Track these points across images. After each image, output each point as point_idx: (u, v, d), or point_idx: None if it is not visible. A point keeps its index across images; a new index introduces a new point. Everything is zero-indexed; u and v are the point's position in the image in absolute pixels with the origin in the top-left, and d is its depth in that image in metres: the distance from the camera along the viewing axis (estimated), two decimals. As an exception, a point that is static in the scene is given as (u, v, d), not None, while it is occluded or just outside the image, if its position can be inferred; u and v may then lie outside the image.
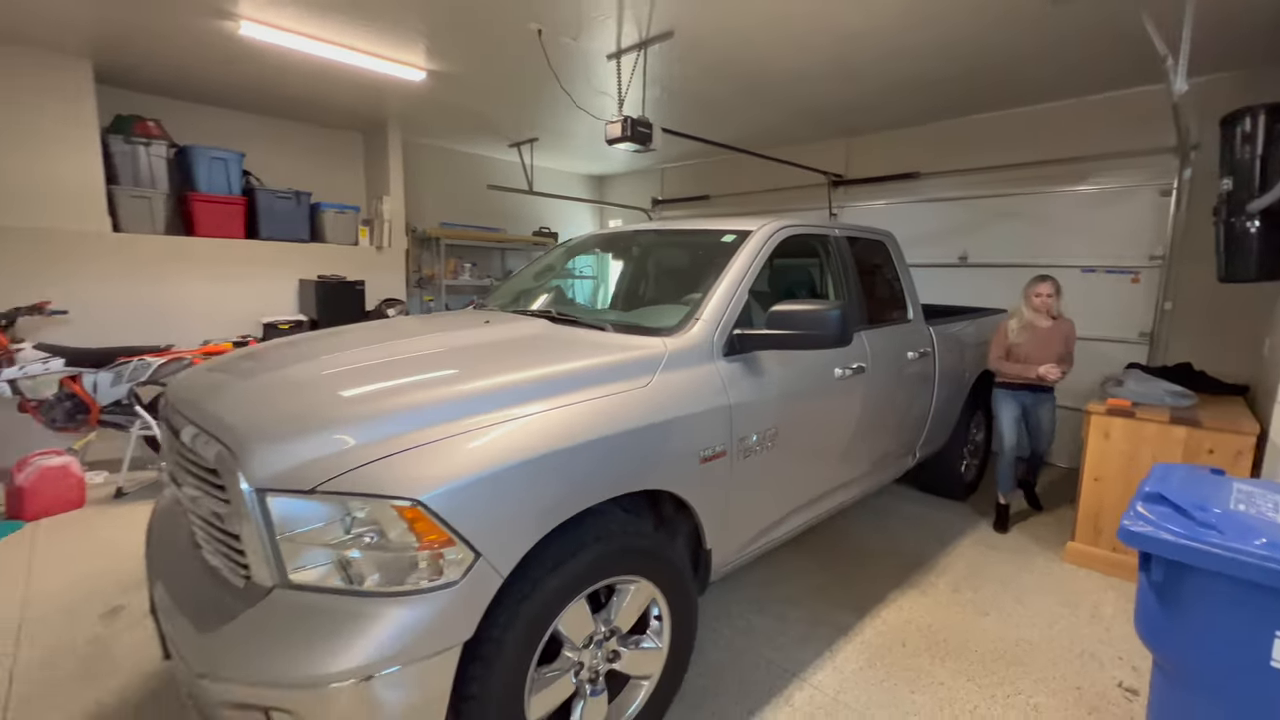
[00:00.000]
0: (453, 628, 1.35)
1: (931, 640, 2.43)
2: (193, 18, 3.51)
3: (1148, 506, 1.33)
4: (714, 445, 1.90)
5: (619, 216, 8.46)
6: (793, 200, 6.36)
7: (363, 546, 1.31)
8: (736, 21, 3.36)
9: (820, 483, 2.53)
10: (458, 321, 2.30)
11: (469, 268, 7.00)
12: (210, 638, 1.31)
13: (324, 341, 2.08)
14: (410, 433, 1.39)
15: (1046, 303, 3.27)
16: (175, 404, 1.71)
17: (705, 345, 1.99)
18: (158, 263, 4.72)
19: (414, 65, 4.19)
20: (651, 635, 1.84)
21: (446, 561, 1.33)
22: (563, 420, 1.55)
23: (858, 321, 2.70)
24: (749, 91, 4.56)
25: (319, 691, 1.24)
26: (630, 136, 3.69)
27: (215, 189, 4.98)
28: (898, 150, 5.61)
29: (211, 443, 1.42)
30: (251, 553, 1.34)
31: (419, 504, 1.28)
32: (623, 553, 1.67)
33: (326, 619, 1.29)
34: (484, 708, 1.42)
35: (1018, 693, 2.13)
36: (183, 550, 1.68)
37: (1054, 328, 3.31)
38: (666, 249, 3.04)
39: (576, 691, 1.68)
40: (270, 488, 1.31)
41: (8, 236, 4.09)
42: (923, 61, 3.87)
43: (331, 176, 6.09)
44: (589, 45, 3.74)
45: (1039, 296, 3.28)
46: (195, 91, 4.93)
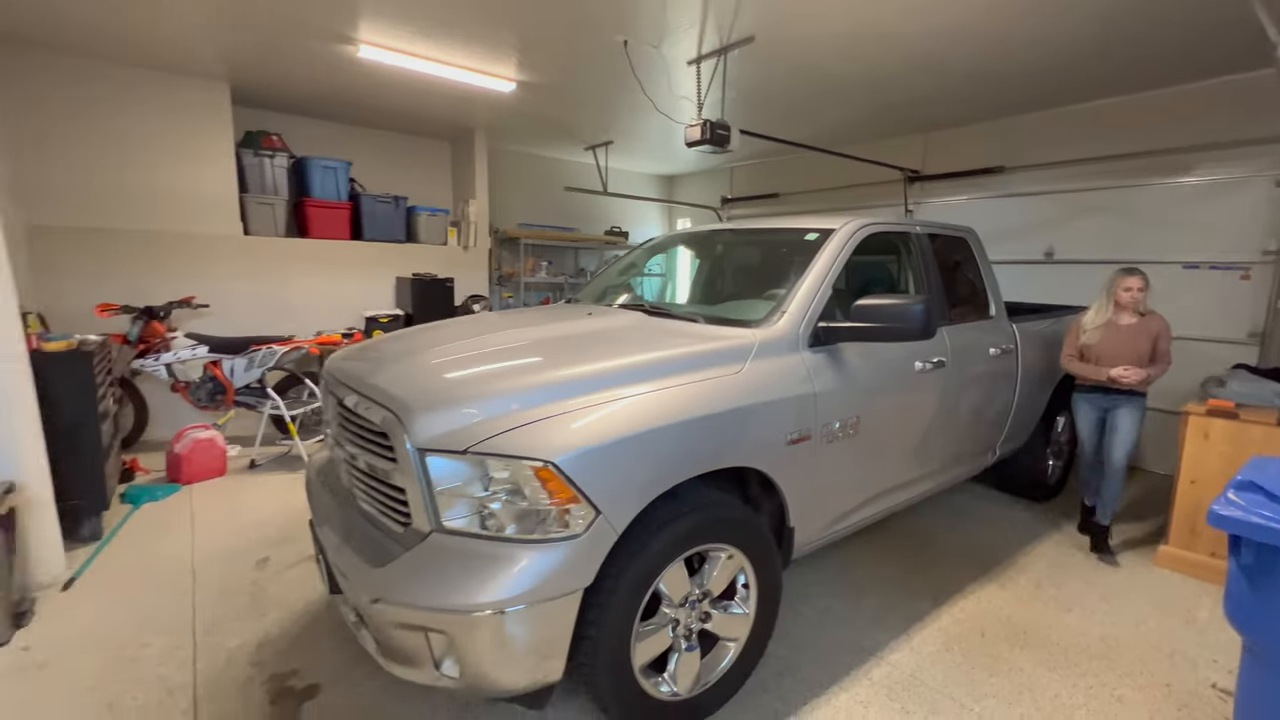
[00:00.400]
0: (576, 574, 1.56)
1: (1011, 631, 2.46)
2: (319, 44, 3.94)
3: (1239, 493, 1.37)
4: (800, 429, 2.04)
5: (688, 215, 8.62)
6: (865, 197, 6.32)
7: (503, 500, 1.55)
8: (818, 26, 3.45)
9: (899, 472, 2.60)
10: (564, 314, 2.55)
11: (545, 266, 7.35)
12: (382, 572, 1.58)
13: (455, 329, 2.37)
14: (542, 406, 1.62)
15: (1136, 297, 2.97)
16: (339, 377, 2.02)
17: (792, 336, 2.13)
18: (279, 262, 5.29)
19: (505, 77, 4.50)
20: (739, 602, 2.00)
21: (572, 516, 1.55)
22: (668, 400, 1.74)
23: (940, 317, 2.75)
24: (825, 90, 4.61)
25: (467, 618, 1.49)
26: (710, 139, 3.84)
27: (326, 195, 5.52)
28: (979, 144, 5.48)
29: (378, 409, 1.70)
30: (413, 503, 1.60)
31: (552, 465, 1.50)
32: (716, 523, 1.84)
33: (473, 559, 1.53)
34: (598, 647, 1.63)
35: (1102, 685, 2.15)
36: (341, 501, 1.99)
37: (1139, 325, 2.98)
38: (747, 247, 3.18)
39: (672, 645, 1.86)
40: (429, 448, 1.56)
41: (162, 239, 4.72)
42: (1013, 55, 3.81)
43: (423, 181, 6.57)
44: (671, 52, 3.92)
45: (1128, 291, 2.96)
46: (311, 108, 5.48)
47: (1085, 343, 3.08)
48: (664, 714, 1.83)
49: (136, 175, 4.61)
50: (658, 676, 1.84)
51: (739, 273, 3.14)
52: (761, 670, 2.16)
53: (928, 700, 2.05)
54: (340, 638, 2.30)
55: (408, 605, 1.51)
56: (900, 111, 5.19)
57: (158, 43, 4.01)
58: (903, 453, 2.60)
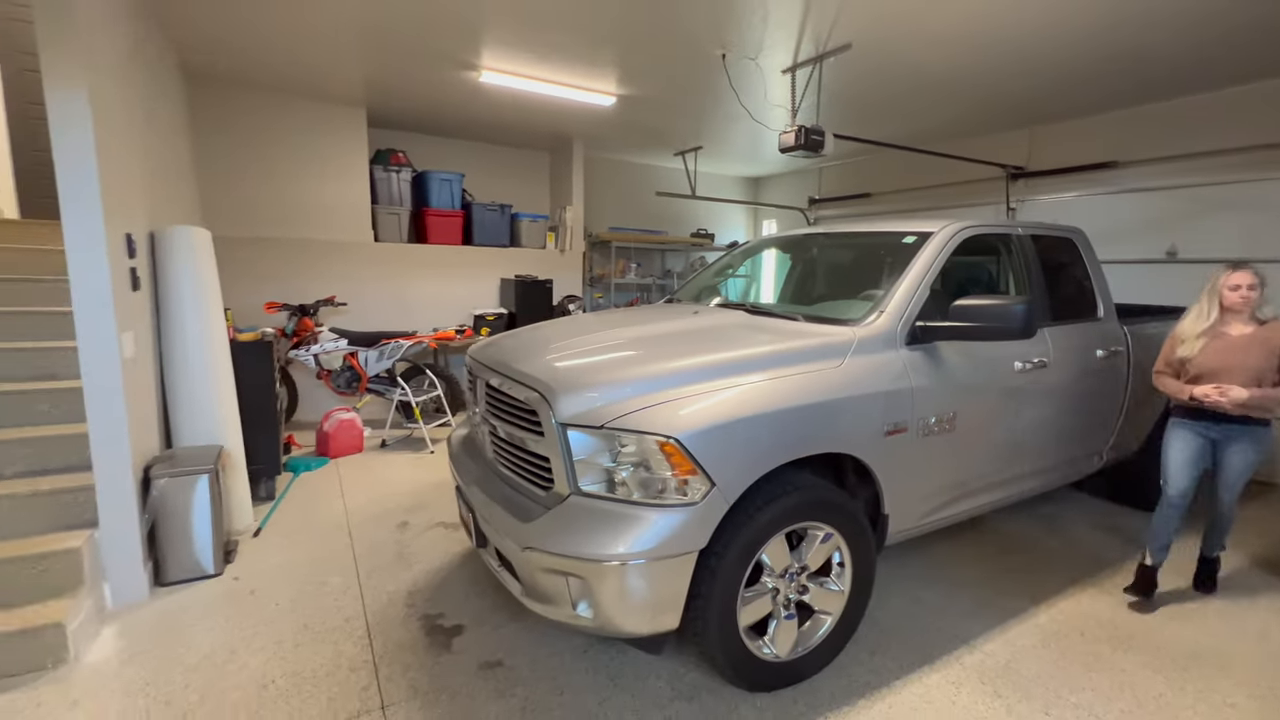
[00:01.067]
0: (692, 537, 1.80)
1: (1113, 633, 2.45)
2: (448, 72, 4.43)
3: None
4: (897, 422, 2.17)
5: (773, 216, 8.68)
6: (963, 195, 6.15)
7: (630, 470, 1.81)
8: (915, 30, 3.50)
9: (996, 469, 2.65)
10: (673, 312, 2.80)
11: (634, 267, 7.68)
12: (531, 526, 1.89)
13: (581, 324, 2.69)
14: (665, 391, 1.87)
15: (1247, 297, 2.42)
16: (484, 362, 2.37)
17: (890, 334, 2.26)
18: (402, 265, 5.91)
19: (606, 92, 4.83)
20: (834, 578, 2.16)
21: (690, 486, 1.78)
22: (775, 389, 1.94)
23: (1041, 317, 2.76)
24: (922, 90, 4.60)
25: (600, 566, 1.76)
26: (804, 144, 3.97)
27: (443, 205, 6.10)
28: (1090, 138, 5.22)
29: (525, 390, 2.02)
30: (555, 470, 1.90)
31: (675, 441, 1.75)
32: (816, 503, 2.02)
33: (605, 518, 1.80)
34: (708, 604, 1.86)
35: (1213, 690, 2.12)
36: (484, 468, 2.34)
37: (1255, 335, 2.43)
38: (844, 250, 3.29)
39: (772, 612, 2.06)
40: (570, 424, 1.85)
41: (310, 246, 5.43)
42: (1125, 44, 3.66)
43: (524, 189, 7.08)
44: (766, 63, 4.08)
45: (1235, 290, 2.44)
46: (431, 126, 6.08)
47: (1183, 355, 2.55)
48: (765, 672, 2.03)
49: (290, 191, 5.34)
50: (760, 639, 2.04)
51: (835, 274, 3.26)
52: (854, 646, 2.30)
53: (1021, 687, 2.12)
54: (477, 588, 2.67)
55: (553, 553, 1.80)
56: (1001, 107, 5.05)
57: (313, 74, 4.65)
58: (1000, 450, 2.64)
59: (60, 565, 2.29)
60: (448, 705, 1.97)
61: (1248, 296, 2.43)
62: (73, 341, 2.40)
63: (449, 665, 2.17)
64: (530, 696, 2.02)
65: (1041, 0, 3.12)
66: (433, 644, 2.29)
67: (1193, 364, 2.50)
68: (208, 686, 2.04)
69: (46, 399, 2.80)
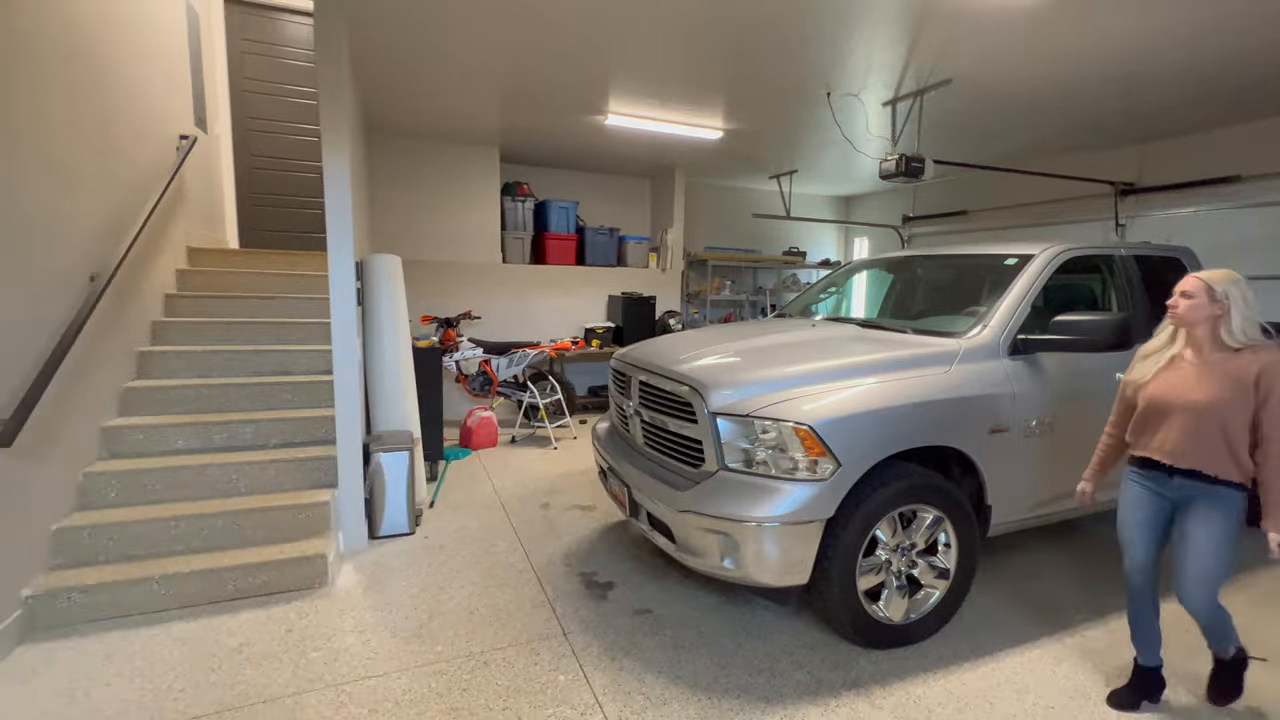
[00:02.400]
0: (820, 507, 2.20)
1: (1219, 632, 2.57)
2: (575, 116, 5.10)
3: None
4: (999, 422, 2.47)
5: (864, 234, 8.84)
6: (1066, 212, 6.13)
7: (769, 451, 2.24)
8: (1017, 61, 3.74)
9: (1096, 474, 2.84)
10: (789, 324, 3.23)
11: (728, 285, 8.10)
12: (686, 493, 2.36)
13: (716, 334, 3.16)
14: (800, 388, 2.30)
15: (1178, 309, 1.92)
16: (633, 363, 2.90)
17: (993, 345, 2.56)
18: (525, 283, 6.67)
19: (713, 128, 5.33)
20: (941, 557, 2.48)
21: (819, 466, 2.19)
22: (891, 389, 2.31)
23: (1143, 332, 2.93)
24: (1023, 114, 4.76)
25: (744, 525, 2.19)
26: (905, 172, 4.28)
27: (559, 229, 6.82)
28: (1208, 153, 5.13)
29: (678, 385, 2.51)
30: (707, 451, 2.37)
31: (810, 427, 2.16)
32: (924, 487, 2.36)
33: (749, 489, 2.24)
34: (832, 566, 2.25)
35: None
36: (633, 450, 2.85)
37: (1219, 363, 1.86)
38: (946, 270, 3.57)
39: (885, 582, 2.40)
40: (720, 413, 2.32)
41: (450, 267, 6.28)
42: (1239, 60, 3.72)
43: (628, 213, 7.72)
44: (868, 97, 4.43)
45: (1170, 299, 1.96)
46: (551, 160, 6.85)
47: (1131, 377, 2.07)
48: (879, 632, 2.38)
49: (437, 220, 6.23)
50: (875, 604, 2.39)
51: (938, 292, 3.54)
52: (959, 623, 2.59)
53: (1122, 668, 2.32)
54: (618, 555, 3.18)
55: (707, 514, 2.26)
56: (1109, 125, 5.09)
57: (461, 122, 5.45)
58: (1101, 456, 2.83)
59: (315, 514, 3.02)
60: (613, 637, 2.47)
61: (1179, 308, 1.91)
62: (298, 346, 3.13)
63: (608, 609, 2.67)
64: (678, 637, 2.48)
65: (1147, 26, 3.27)
66: (591, 594, 2.81)
67: (1141, 393, 2.00)
68: (431, 608, 2.65)
69: (289, 390, 3.61)
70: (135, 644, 2.35)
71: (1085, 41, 3.37)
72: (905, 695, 2.16)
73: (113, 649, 2.32)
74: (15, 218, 2.38)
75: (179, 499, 2.96)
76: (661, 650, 2.39)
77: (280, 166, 5.76)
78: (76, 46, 2.84)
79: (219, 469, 3.05)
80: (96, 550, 2.66)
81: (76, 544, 2.63)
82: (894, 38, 3.40)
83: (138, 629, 2.44)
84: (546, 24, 3.28)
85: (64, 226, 2.71)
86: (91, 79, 2.98)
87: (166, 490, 2.95)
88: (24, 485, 2.42)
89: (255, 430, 3.33)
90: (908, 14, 3.11)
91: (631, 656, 2.35)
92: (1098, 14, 3.00)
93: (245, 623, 2.51)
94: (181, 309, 3.91)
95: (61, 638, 2.37)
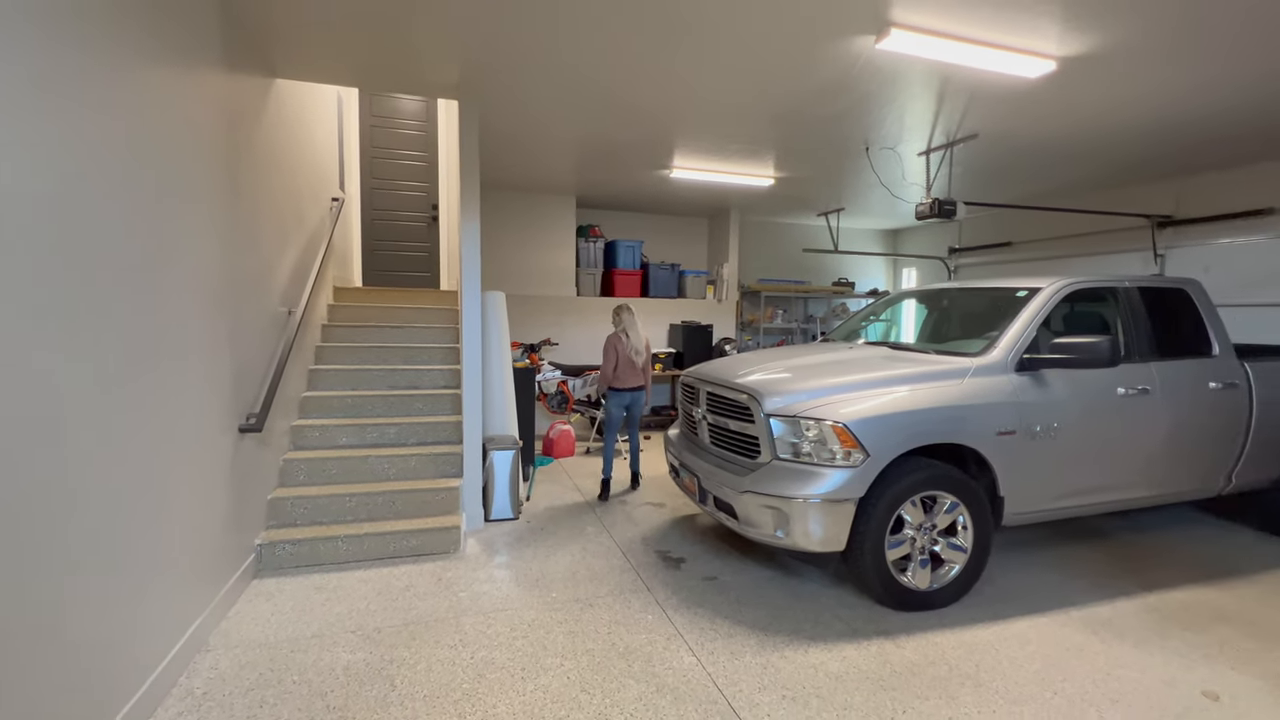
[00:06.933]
0: (854, 488, 2.78)
1: (1218, 615, 2.94)
2: (643, 171, 5.93)
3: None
4: (1006, 426, 3.00)
5: (912, 265, 9.27)
6: (1106, 244, 6.46)
7: (811, 444, 2.86)
8: (1038, 118, 4.29)
9: (1100, 476, 3.28)
10: (830, 347, 3.84)
11: (780, 314, 8.70)
12: (747, 478, 3.00)
13: (768, 355, 3.82)
14: (836, 395, 2.92)
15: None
16: (700, 378, 3.59)
17: (1002, 363, 3.10)
18: (595, 314, 7.50)
19: (766, 176, 6.05)
20: (960, 538, 2.99)
21: (853, 456, 2.79)
22: (912, 397, 2.90)
23: (1144, 354, 3.39)
24: (1052, 159, 5.24)
25: (792, 502, 2.81)
26: (937, 214, 4.84)
27: (626, 265, 7.65)
28: (1244, 186, 5.44)
29: (739, 394, 3.17)
30: (762, 445, 3.01)
31: (844, 425, 2.78)
32: (942, 477, 2.90)
33: (796, 474, 2.86)
34: (864, 538, 2.82)
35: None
36: (700, 449, 3.51)
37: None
38: (969, 300, 4.09)
39: (910, 555, 2.94)
40: (773, 414, 2.96)
41: (532, 300, 7.18)
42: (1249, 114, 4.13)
43: (686, 249, 8.49)
44: (904, 150, 5.05)
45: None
46: (619, 204, 7.73)
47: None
48: (906, 595, 2.91)
49: (521, 258, 7.17)
50: (903, 575, 2.93)
51: (964, 319, 4.07)
52: (977, 597, 3.08)
53: (1120, 632, 2.76)
54: (688, 539, 3.81)
55: (764, 493, 2.89)
56: (1142, 164, 5.48)
57: (545, 175, 6.40)
58: (1105, 459, 3.27)
59: (448, 497, 3.81)
60: (687, 594, 3.10)
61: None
62: (424, 365, 3.99)
63: (683, 576, 3.31)
64: (740, 596, 3.09)
65: (1161, 88, 3.75)
66: (667, 565, 3.45)
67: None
68: (542, 569, 3.37)
69: (420, 401, 4.49)
70: (333, 581, 3.17)
71: (1105, 98, 3.87)
72: (924, 641, 2.68)
73: (319, 584, 3.14)
74: (261, 269, 3.33)
75: (349, 481, 3.83)
76: (727, 604, 3.00)
77: (395, 218, 6.85)
78: (281, 136, 3.86)
79: (376, 459, 3.91)
80: (295, 516, 3.53)
81: (283, 510, 3.51)
82: (922, 105, 4.04)
83: (331, 573, 3.27)
84: (624, 105, 4.11)
85: (277, 275, 3.67)
86: (292, 160, 3.99)
87: (340, 474, 3.82)
88: (258, 464, 3.32)
89: (398, 431, 4.19)
90: (930, 89, 3.76)
91: (704, 606, 2.97)
92: (1111, 79, 3.52)
93: (407, 572, 3.30)
94: (334, 335, 4.89)
95: (282, 576, 3.22)
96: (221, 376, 2.83)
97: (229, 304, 2.91)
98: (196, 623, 2.52)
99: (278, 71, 3.72)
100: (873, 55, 3.26)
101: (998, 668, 2.49)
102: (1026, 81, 3.53)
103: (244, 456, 3.11)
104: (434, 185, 6.83)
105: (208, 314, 2.69)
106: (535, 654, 2.55)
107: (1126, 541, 3.85)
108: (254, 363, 3.25)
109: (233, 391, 2.96)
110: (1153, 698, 2.31)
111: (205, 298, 2.66)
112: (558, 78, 3.66)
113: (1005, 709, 2.24)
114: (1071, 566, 3.48)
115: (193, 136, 2.57)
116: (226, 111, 2.92)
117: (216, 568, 2.78)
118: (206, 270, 2.68)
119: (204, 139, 2.68)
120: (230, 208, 2.95)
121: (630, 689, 2.32)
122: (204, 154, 2.68)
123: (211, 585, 2.71)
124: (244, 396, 3.12)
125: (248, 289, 3.17)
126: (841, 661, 2.53)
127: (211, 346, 2.73)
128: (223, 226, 2.85)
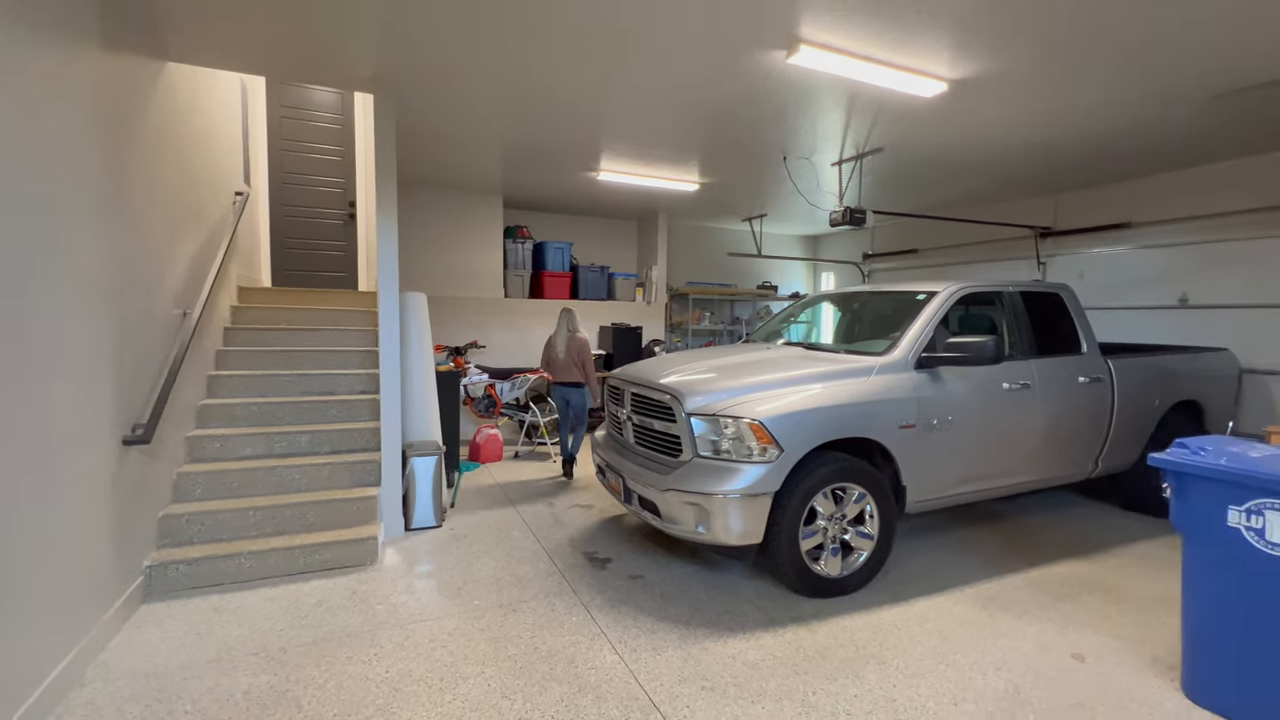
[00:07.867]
0: (770, 482, 2.90)
1: (1087, 585, 3.28)
2: (572, 174, 5.93)
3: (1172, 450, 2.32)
4: (907, 420, 3.22)
5: (831, 270, 9.75)
6: (999, 251, 7.06)
7: (729, 441, 2.96)
8: (937, 136, 4.64)
9: (992, 463, 3.58)
10: (750, 348, 3.98)
11: (708, 316, 8.91)
12: (668, 476, 3.06)
13: (684, 356, 3.90)
14: (752, 394, 3.03)
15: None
16: (626, 379, 3.62)
17: (902, 361, 3.33)
18: (524, 316, 7.41)
19: (690, 182, 6.20)
20: (867, 526, 3.19)
21: (768, 452, 2.91)
22: (823, 394, 3.06)
23: (1025, 352, 3.74)
24: (951, 172, 5.68)
25: (712, 498, 2.89)
26: (849, 221, 5.13)
27: (555, 267, 7.61)
28: (1107, 202, 6.09)
29: (660, 394, 3.23)
30: (684, 444, 3.08)
31: (759, 422, 2.89)
32: (851, 469, 3.08)
33: (716, 471, 2.95)
34: (779, 530, 2.95)
35: (1162, 624, 2.95)
36: (625, 449, 3.55)
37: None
38: (877, 303, 4.35)
39: (823, 544, 3.10)
40: (692, 413, 3.04)
41: (457, 301, 7.01)
42: (1129, 134, 4.62)
43: (616, 252, 8.55)
44: (818, 160, 5.31)
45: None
46: (547, 205, 7.68)
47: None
48: (819, 583, 3.07)
49: (446, 260, 6.98)
50: (816, 564, 3.09)
51: (871, 321, 4.33)
52: (885, 580, 3.29)
53: (1005, 606, 3.03)
54: (614, 539, 3.83)
55: (685, 490, 2.95)
56: (1026, 180, 6.03)
57: (471, 174, 6.28)
58: (994, 448, 3.58)
59: (363, 507, 3.65)
60: (612, 593, 3.13)
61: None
62: (340, 369, 3.82)
63: (608, 575, 3.33)
64: (664, 593, 3.14)
65: (1041, 110, 4.19)
66: (594, 566, 3.46)
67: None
68: (465, 577, 3.29)
69: (335, 407, 4.27)
70: (235, 602, 2.96)
71: (993, 119, 4.25)
72: (835, 625, 2.84)
73: (218, 605, 2.93)
74: (150, 268, 3.07)
75: (253, 494, 3.59)
76: (650, 601, 3.05)
77: (308, 215, 6.49)
78: (175, 123, 3.58)
79: (285, 470, 3.69)
80: (191, 533, 3.28)
81: (177, 528, 3.25)
82: (833, 118, 4.27)
83: (233, 593, 3.06)
84: (550, 104, 4.09)
85: (170, 273, 3.40)
86: (187, 150, 3.71)
87: (243, 487, 3.58)
88: (147, 479, 3.05)
89: (310, 439, 3.97)
90: (840, 104, 3.99)
91: (627, 605, 3.01)
92: (997, 103, 3.88)
93: (318, 588, 3.14)
94: (239, 339, 4.58)
95: (174, 599, 2.98)
96: (101, 383, 2.59)
97: (111, 303, 2.67)
98: (69, 657, 2.29)
99: (170, 54, 3.45)
100: (785, 69, 3.42)
101: (899, 645, 2.68)
102: (923, 100, 3.81)
103: (129, 471, 2.86)
104: (352, 181, 6.53)
105: (85, 313, 2.45)
106: (454, 663, 2.49)
107: (1016, 523, 4.23)
108: (141, 369, 2.99)
109: (115, 400, 2.71)
110: (1029, 662, 2.56)
111: (82, 295, 2.43)
112: (481, 73, 3.60)
113: (905, 683, 2.40)
114: (967, 548, 3.79)
115: (63, 120, 2.34)
116: (107, 94, 2.68)
117: (94, 594, 2.53)
118: (84, 266, 2.44)
119: (78, 123, 2.44)
120: (113, 198, 2.70)
121: (552, 691, 2.32)
122: (79, 141, 2.44)
123: (88, 613, 2.47)
124: (130, 406, 2.87)
125: (134, 287, 2.91)
126: (759, 650, 2.63)
127: (89, 350, 2.49)
128: (104, 219, 2.61)
